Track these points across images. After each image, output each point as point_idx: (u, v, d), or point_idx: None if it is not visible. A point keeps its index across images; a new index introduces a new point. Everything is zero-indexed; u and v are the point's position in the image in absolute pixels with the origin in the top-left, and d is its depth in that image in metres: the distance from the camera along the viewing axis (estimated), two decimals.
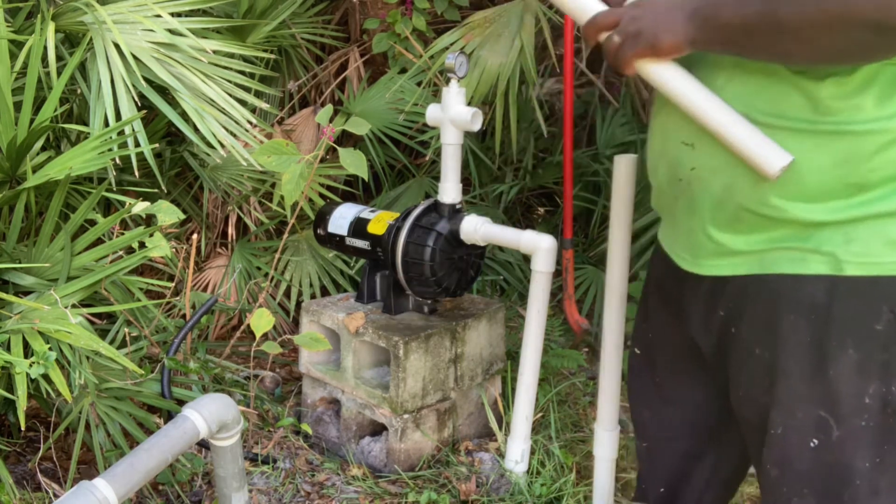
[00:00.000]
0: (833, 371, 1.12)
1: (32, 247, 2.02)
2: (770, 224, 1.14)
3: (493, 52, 2.87)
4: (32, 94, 2.04)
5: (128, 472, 1.42)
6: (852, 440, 1.14)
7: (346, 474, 2.18)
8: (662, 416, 1.50)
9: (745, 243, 1.17)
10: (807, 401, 1.15)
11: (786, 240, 1.14)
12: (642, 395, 1.54)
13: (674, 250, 1.31)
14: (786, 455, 1.19)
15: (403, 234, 2.16)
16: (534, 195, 3.58)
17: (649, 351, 1.50)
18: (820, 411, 1.14)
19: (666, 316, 1.42)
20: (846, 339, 1.10)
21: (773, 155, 1.06)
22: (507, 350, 2.48)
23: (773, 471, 1.21)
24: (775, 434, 1.19)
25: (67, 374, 1.89)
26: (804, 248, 1.12)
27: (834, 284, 1.10)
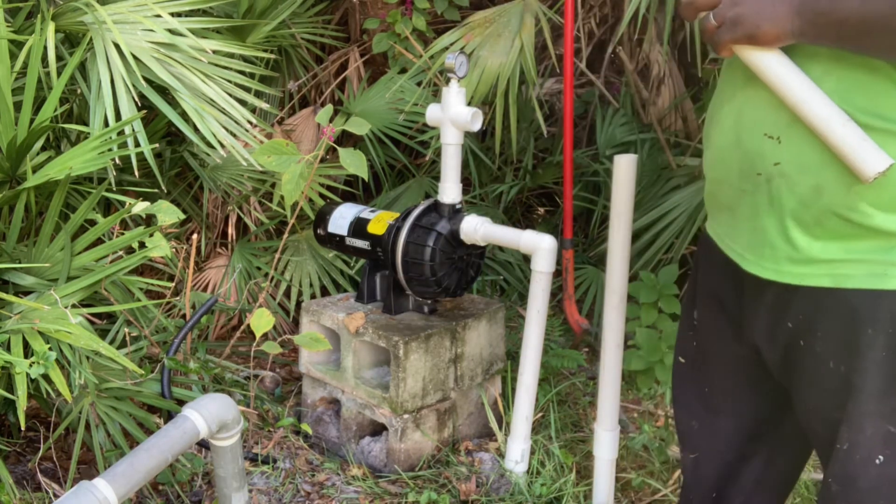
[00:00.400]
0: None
1: (32, 247, 2.02)
2: (854, 232, 1.09)
3: (493, 52, 2.87)
4: (32, 94, 2.04)
5: (128, 472, 1.42)
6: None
7: (346, 474, 2.18)
8: (711, 426, 1.45)
9: (821, 250, 1.12)
10: (877, 417, 1.12)
11: (866, 252, 1.09)
12: (689, 406, 1.48)
13: (734, 249, 1.25)
14: (849, 472, 1.17)
15: (403, 234, 2.16)
16: (534, 195, 3.58)
17: (696, 360, 1.44)
18: (889, 427, 1.12)
19: (720, 323, 1.36)
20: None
21: (872, 156, 1.01)
22: (507, 350, 2.48)
23: (834, 486, 1.19)
24: (841, 450, 1.17)
25: (67, 374, 1.89)
26: (885, 262, 1.08)
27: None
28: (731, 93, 1.21)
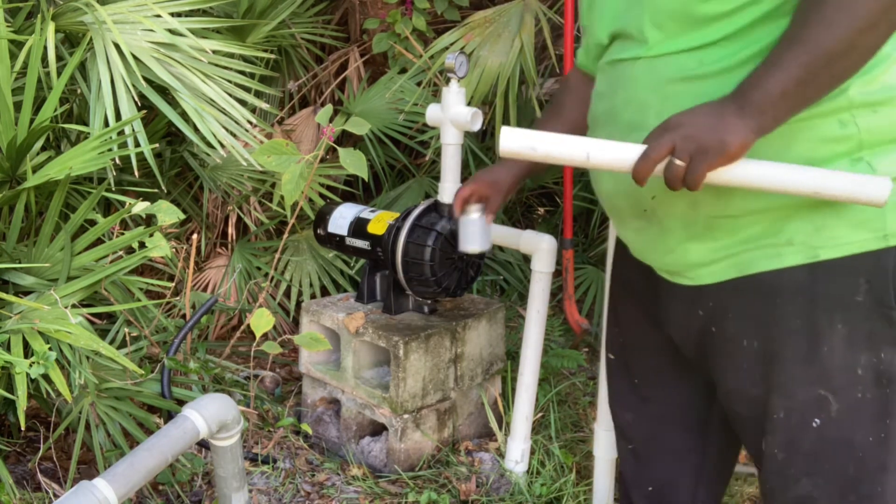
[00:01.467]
0: (826, 347, 1.16)
1: (32, 247, 2.02)
2: (741, 225, 1.17)
3: (493, 52, 2.87)
4: (32, 94, 2.04)
5: (128, 472, 1.42)
6: (850, 413, 1.17)
7: (346, 474, 2.18)
8: (645, 415, 1.52)
9: (722, 248, 1.20)
10: (805, 382, 1.18)
11: (759, 238, 1.17)
12: (622, 399, 1.56)
13: (644, 257, 1.34)
14: (790, 438, 1.22)
15: (403, 234, 2.16)
16: (534, 195, 3.58)
17: (624, 354, 1.53)
18: (819, 390, 1.17)
19: (639, 317, 1.44)
20: (833, 315, 1.15)
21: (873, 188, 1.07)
22: (507, 350, 2.48)
23: (780, 454, 1.24)
24: (778, 419, 1.22)
25: (67, 374, 1.89)
26: (778, 244, 1.16)
27: (813, 269, 1.15)
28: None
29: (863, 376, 1.16)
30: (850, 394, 1.17)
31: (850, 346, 1.15)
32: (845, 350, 1.16)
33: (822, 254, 1.14)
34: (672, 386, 1.47)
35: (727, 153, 1.06)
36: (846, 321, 1.15)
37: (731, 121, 1.06)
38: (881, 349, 1.15)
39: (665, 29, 1.17)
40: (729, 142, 1.05)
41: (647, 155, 1.09)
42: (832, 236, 1.13)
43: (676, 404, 1.48)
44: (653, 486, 1.55)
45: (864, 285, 1.13)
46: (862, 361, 1.15)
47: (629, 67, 1.23)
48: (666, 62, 1.18)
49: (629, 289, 1.46)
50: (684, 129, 1.07)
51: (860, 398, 1.17)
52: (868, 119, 1.11)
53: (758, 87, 1.05)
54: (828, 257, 1.14)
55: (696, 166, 1.07)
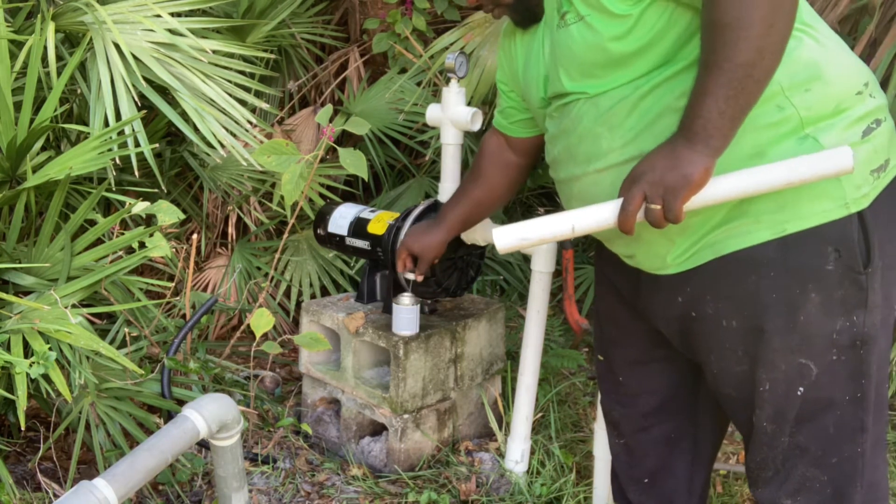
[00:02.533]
0: (803, 317, 1.21)
1: (32, 247, 2.02)
2: (708, 215, 1.23)
3: (493, 52, 2.87)
4: (32, 94, 2.04)
5: (128, 472, 1.42)
6: (828, 374, 1.23)
7: (346, 474, 2.18)
8: (633, 409, 1.56)
9: (698, 241, 1.26)
10: (786, 352, 1.23)
11: (727, 221, 1.23)
12: (610, 398, 1.61)
13: (624, 254, 1.39)
14: (778, 408, 1.27)
15: (403, 234, 2.16)
16: (534, 195, 3.58)
17: (609, 354, 1.58)
18: (800, 358, 1.23)
19: (621, 312, 1.50)
20: (806, 284, 1.20)
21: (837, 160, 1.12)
22: (507, 350, 2.48)
23: (770, 426, 1.28)
24: (764, 391, 1.27)
25: (67, 374, 1.89)
26: (746, 223, 1.21)
27: (782, 243, 1.20)
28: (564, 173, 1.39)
29: (837, 339, 1.22)
30: (826, 357, 1.22)
31: (826, 312, 1.20)
32: (821, 317, 1.21)
33: (789, 227, 1.19)
34: (657, 376, 1.51)
35: (693, 183, 1.14)
36: (819, 289, 1.20)
37: (685, 154, 1.13)
38: (854, 313, 1.21)
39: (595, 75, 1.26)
40: (689, 173, 1.13)
41: (625, 209, 1.18)
42: (796, 210, 1.19)
43: (663, 393, 1.52)
44: (648, 477, 1.59)
45: (832, 253, 1.19)
46: (837, 326, 1.21)
47: (573, 108, 1.32)
48: (606, 97, 1.27)
49: (610, 286, 1.51)
50: (647, 175, 1.16)
51: (835, 360, 1.22)
52: (802, 98, 1.17)
53: (696, 117, 1.13)
54: (795, 230, 1.19)
55: (670, 205, 1.15)
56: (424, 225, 1.96)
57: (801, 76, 1.18)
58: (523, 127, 1.63)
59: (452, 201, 1.87)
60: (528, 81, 1.44)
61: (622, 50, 1.21)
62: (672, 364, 1.49)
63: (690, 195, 1.15)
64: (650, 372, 1.52)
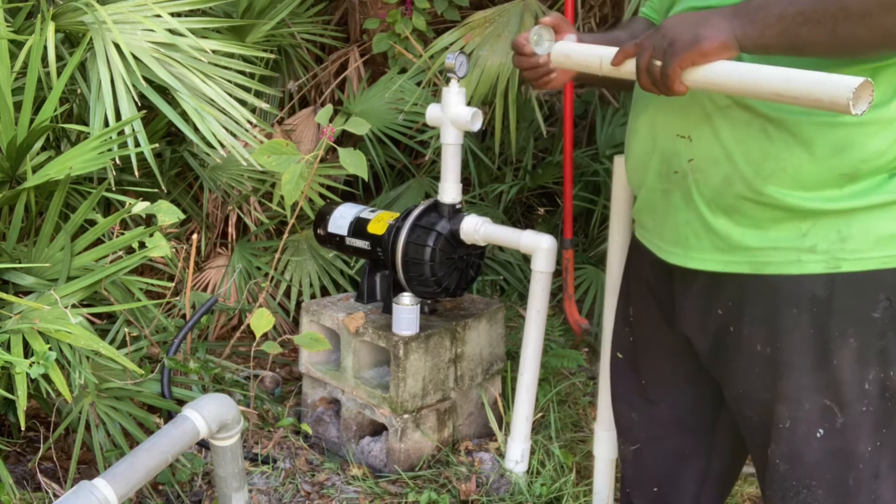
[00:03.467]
0: (837, 361, 1.15)
1: (32, 247, 2.02)
2: (767, 216, 1.16)
3: (492, 52, 2.87)
4: (32, 94, 2.04)
5: (128, 472, 1.42)
6: (855, 426, 1.17)
7: (346, 474, 2.18)
8: (650, 416, 1.51)
9: (741, 237, 1.18)
10: (812, 391, 1.18)
11: (780, 240, 1.16)
12: (628, 399, 1.55)
13: (661, 247, 1.32)
14: (794, 448, 1.21)
15: (403, 233, 2.16)
16: (534, 195, 3.58)
17: (635, 354, 1.51)
18: (825, 400, 1.17)
19: (655, 316, 1.43)
20: (847, 328, 1.14)
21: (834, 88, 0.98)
22: (507, 350, 2.48)
23: (783, 465, 1.23)
24: (783, 428, 1.21)
25: (67, 374, 1.89)
26: (800, 249, 1.15)
27: (832, 280, 1.13)
28: (644, 104, 1.28)
29: (869, 391, 1.16)
30: (855, 407, 1.16)
31: (861, 361, 1.15)
32: (855, 364, 1.15)
33: (845, 266, 1.13)
34: (681, 388, 1.45)
35: (699, 48, 1.03)
36: (859, 336, 1.14)
37: (715, 20, 1.04)
38: (891, 366, 1.15)
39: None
40: (702, 35, 1.03)
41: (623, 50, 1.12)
42: (856, 249, 1.12)
43: (684, 407, 1.47)
44: (657, 487, 1.54)
45: (883, 302, 1.12)
46: (871, 377, 1.15)
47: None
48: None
49: (645, 287, 1.44)
50: (663, 28, 1.07)
51: (864, 411, 1.16)
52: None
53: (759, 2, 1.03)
54: (850, 270, 1.12)
55: (668, 62, 1.05)
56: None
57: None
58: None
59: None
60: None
61: None
62: (697, 380, 1.42)
63: (691, 60, 1.04)
64: (674, 383, 1.46)
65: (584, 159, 3.38)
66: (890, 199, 1.11)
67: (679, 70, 1.06)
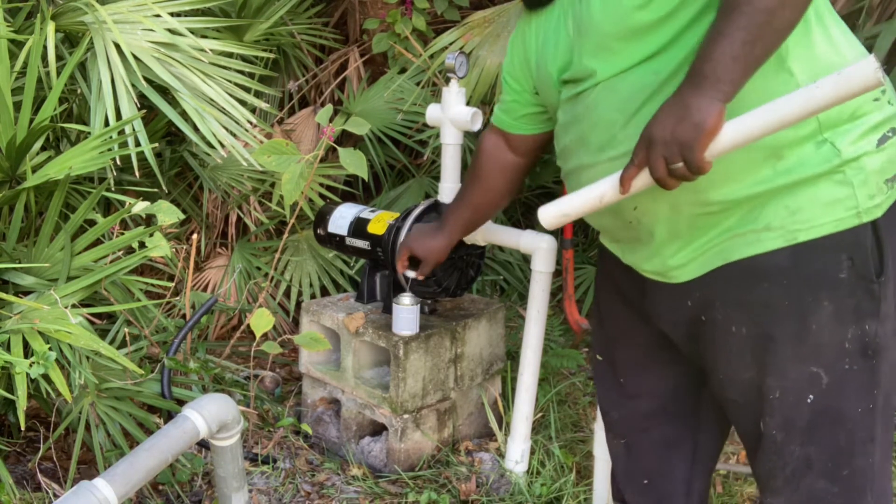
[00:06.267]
0: (815, 325, 1.19)
1: (32, 247, 2.02)
2: (721, 216, 1.22)
3: (492, 52, 2.87)
4: (32, 94, 2.04)
5: (128, 472, 1.42)
6: (839, 384, 1.21)
7: (346, 474, 2.18)
8: (632, 411, 1.55)
9: (703, 245, 1.25)
10: (796, 360, 1.22)
11: (737, 227, 1.21)
12: (609, 398, 1.60)
13: (630, 260, 1.38)
14: (787, 416, 1.25)
15: (403, 234, 2.16)
16: (534, 195, 3.58)
17: (609, 353, 1.56)
18: (811, 367, 1.21)
19: (625, 314, 1.48)
20: (819, 292, 1.19)
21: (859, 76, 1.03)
22: (507, 350, 2.48)
23: (779, 435, 1.27)
24: (774, 399, 1.25)
25: (67, 374, 1.89)
26: (756, 229, 1.20)
27: (794, 251, 1.19)
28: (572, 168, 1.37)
29: (850, 349, 1.20)
30: (838, 366, 1.21)
31: (838, 321, 1.19)
32: (833, 325, 1.19)
33: (801, 236, 1.18)
34: (659, 378, 1.50)
35: (707, 130, 1.09)
36: (832, 298, 1.18)
37: (693, 102, 1.09)
38: (866, 322, 1.19)
39: (613, 50, 1.22)
40: (701, 120, 1.08)
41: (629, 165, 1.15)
42: (808, 218, 1.17)
43: (665, 396, 1.51)
44: (647, 478, 1.57)
45: (846, 262, 1.17)
46: (849, 335, 1.19)
47: (590, 95, 1.29)
48: (623, 79, 1.23)
49: (614, 287, 1.50)
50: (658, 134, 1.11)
51: (847, 370, 1.21)
52: None
53: (708, 60, 1.08)
54: (807, 238, 1.18)
55: (691, 158, 1.10)
56: (428, 228, 1.95)
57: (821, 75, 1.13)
58: (527, 122, 1.58)
59: (453, 206, 1.85)
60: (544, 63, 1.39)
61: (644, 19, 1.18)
62: (674, 367, 1.47)
63: (707, 142, 1.09)
64: (652, 374, 1.51)
65: None
66: (826, 168, 1.16)
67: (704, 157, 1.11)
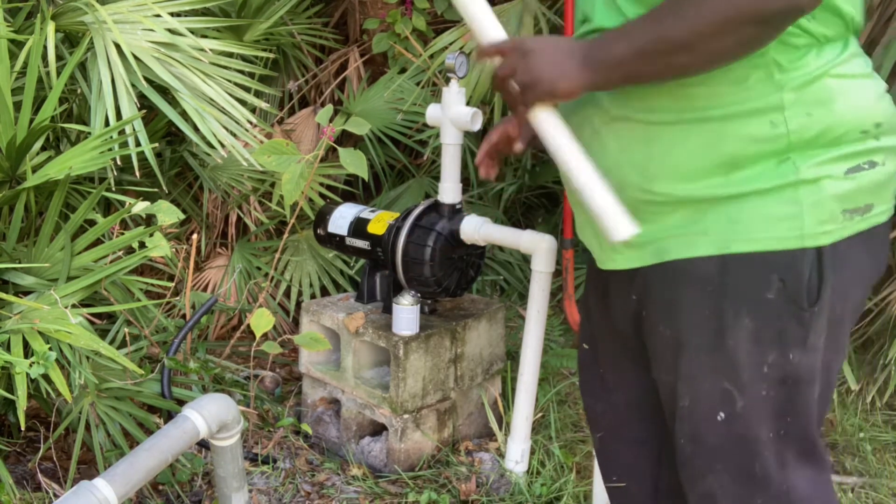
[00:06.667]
0: (732, 341, 1.16)
1: (32, 247, 2.02)
2: (663, 212, 1.19)
3: None
4: (32, 94, 2.04)
5: (128, 472, 1.42)
6: (756, 410, 1.18)
7: (346, 474, 2.18)
8: (611, 405, 1.54)
9: (645, 234, 1.21)
10: (710, 372, 1.19)
11: (678, 226, 1.19)
12: (591, 388, 1.58)
13: (590, 245, 1.36)
14: (696, 429, 1.23)
15: (403, 234, 2.16)
16: (534, 195, 3.58)
17: (593, 344, 1.55)
18: (724, 383, 1.18)
19: (602, 308, 1.47)
20: (741, 308, 1.15)
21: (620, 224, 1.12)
22: (507, 350, 2.48)
23: (687, 446, 1.24)
24: (683, 407, 1.23)
25: (67, 374, 1.89)
26: (694, 232, 1.17)
27: (724, 261, 1.15)
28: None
29: (768, 374, 1.16)
30: (755, 390, 1.17)
31: (758, 342, 1.15)
32: (752, 346, 1.16)
33: (734, 246, 1.14)
34: (631, 374, 1.48)
35: (554, 93, 1.12)
36: (754, 317, 1.15)
37: (571, 67, 1.11)
38: (790, 350, 1.15)
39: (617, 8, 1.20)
40: (558, 86, 1.11)
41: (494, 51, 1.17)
42: (745, 230, 1.14)
43: (635, 393, 1.49)
44: (617, 475, 1.57)
45: (776, 283, 1.13)
46: (770, 360, 1.15)
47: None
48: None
49: (593, 277, 1.50)
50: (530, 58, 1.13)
51: (765, 395, 1.17)
52: (800, 121, 1.11)
53: (602, 48, 1.10)
54: (739, 251, 1.14)
55: (526, 95, 1.13)
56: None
57: (809, 97, 1.10)
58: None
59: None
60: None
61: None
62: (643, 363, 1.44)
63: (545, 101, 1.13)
64: (625, 370, 1.50)
65: None
66: (778, 183, 1.12)
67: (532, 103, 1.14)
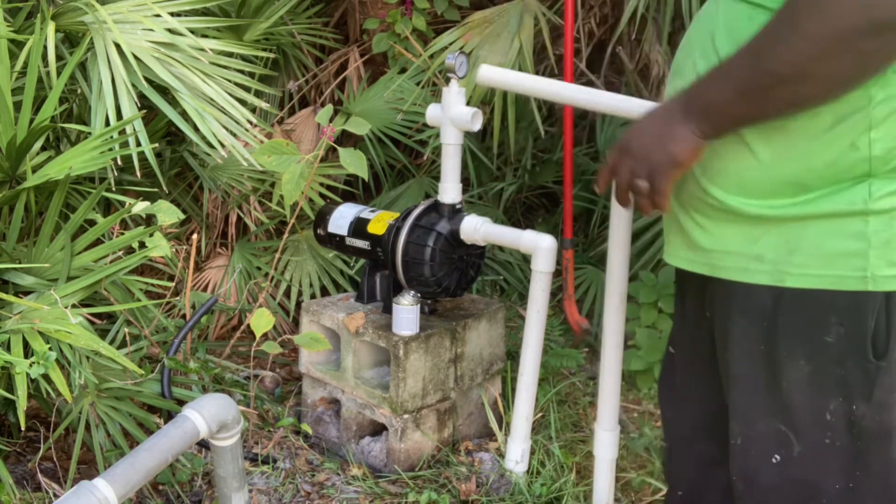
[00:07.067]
0: (786, 382, 1.09)
1: (32, 247, 2.02)
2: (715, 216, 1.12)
3: (492, 52, 2.87)
4: (32, 94, 2.04)
5: (128, 472, 1.42)
6: (816, 457, 1.10)
7: (346, 474, 2.18)
8: (680, 416, 1.46)
9: (699, 235, 1.15)
10: (764, 412, 1.12)
11: (733, 244, 1.11)
12: (666, 394, 1.50)
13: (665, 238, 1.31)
14: (749, 468, 1.16)
15: (403, 234, 2.16)
16: (534, 195, 3.58)
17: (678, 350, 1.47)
18: (779, 425, 1.11)
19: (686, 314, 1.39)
20: (795, 349, 1.07)
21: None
22: (507, 350, 2.48)
23: (739, 484, 1.18)
24: (736, 445, 1.16)
25: (67, 374, 1.89)
26: (749, 255, 1.09)
27: (779, 294, 1.07)
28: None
29: (832, 422, 1.08)
30: (816, 437, 1.09)
31: (816, 387, 1.07)
32: (809, 389, 1.08)
33: (789, 280, 1.05)
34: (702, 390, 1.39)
35: (675, 163, 1.04)
36: (811, 360, 1.06)
37: (676, 128, 1.03)
38: (854, 400, 1.06)
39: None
40: (675, 154, 1.03)
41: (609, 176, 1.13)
42: (802, 263, 1.04)
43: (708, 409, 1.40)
44: (682, 490, 1.49)
45: (835, 326, 1.04)
46: (831, 407, 1.07)
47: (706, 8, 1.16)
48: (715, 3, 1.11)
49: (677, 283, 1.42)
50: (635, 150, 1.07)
51: (828, 444, 1.09)
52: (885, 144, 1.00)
53: (701, 95, 1.01)
54: (794, 286, 1.05)
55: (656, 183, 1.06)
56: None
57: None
58: None
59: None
60: None
61: None
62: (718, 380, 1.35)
63: (677, 174, 1.04)
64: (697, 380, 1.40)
65: (584, 159, 3.38)
66: (846, 209, 1.02)
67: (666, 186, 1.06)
